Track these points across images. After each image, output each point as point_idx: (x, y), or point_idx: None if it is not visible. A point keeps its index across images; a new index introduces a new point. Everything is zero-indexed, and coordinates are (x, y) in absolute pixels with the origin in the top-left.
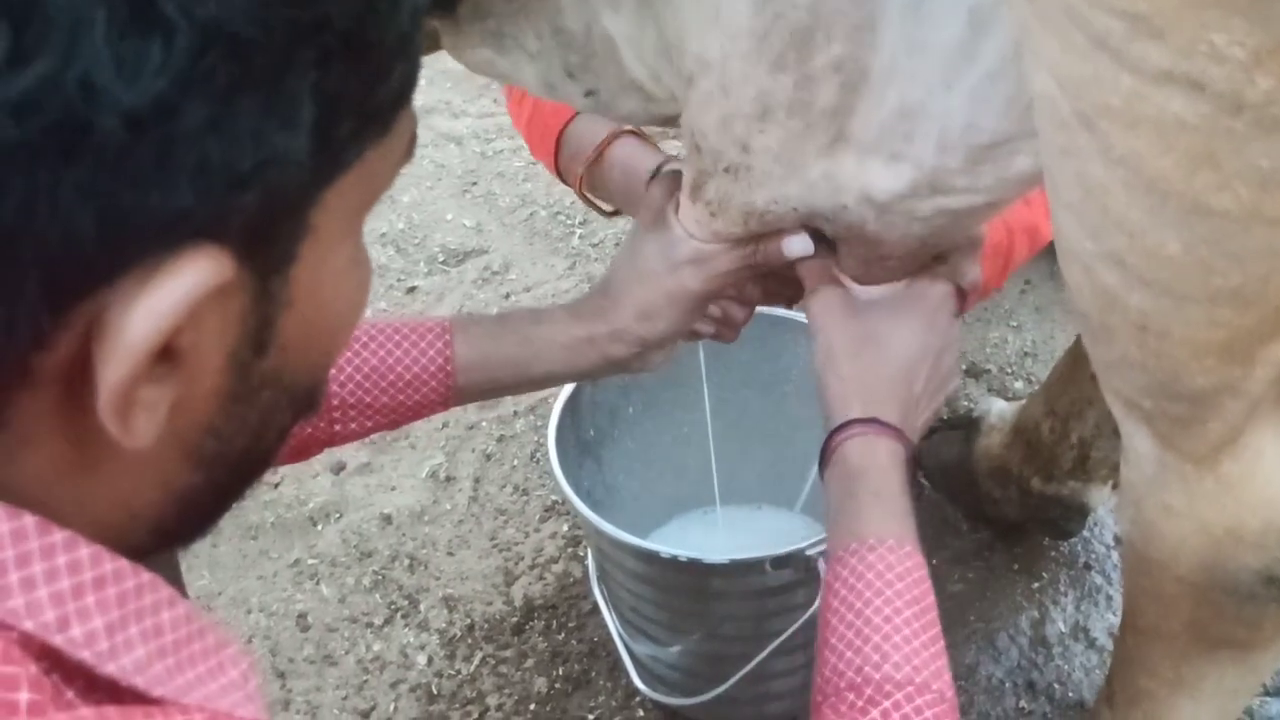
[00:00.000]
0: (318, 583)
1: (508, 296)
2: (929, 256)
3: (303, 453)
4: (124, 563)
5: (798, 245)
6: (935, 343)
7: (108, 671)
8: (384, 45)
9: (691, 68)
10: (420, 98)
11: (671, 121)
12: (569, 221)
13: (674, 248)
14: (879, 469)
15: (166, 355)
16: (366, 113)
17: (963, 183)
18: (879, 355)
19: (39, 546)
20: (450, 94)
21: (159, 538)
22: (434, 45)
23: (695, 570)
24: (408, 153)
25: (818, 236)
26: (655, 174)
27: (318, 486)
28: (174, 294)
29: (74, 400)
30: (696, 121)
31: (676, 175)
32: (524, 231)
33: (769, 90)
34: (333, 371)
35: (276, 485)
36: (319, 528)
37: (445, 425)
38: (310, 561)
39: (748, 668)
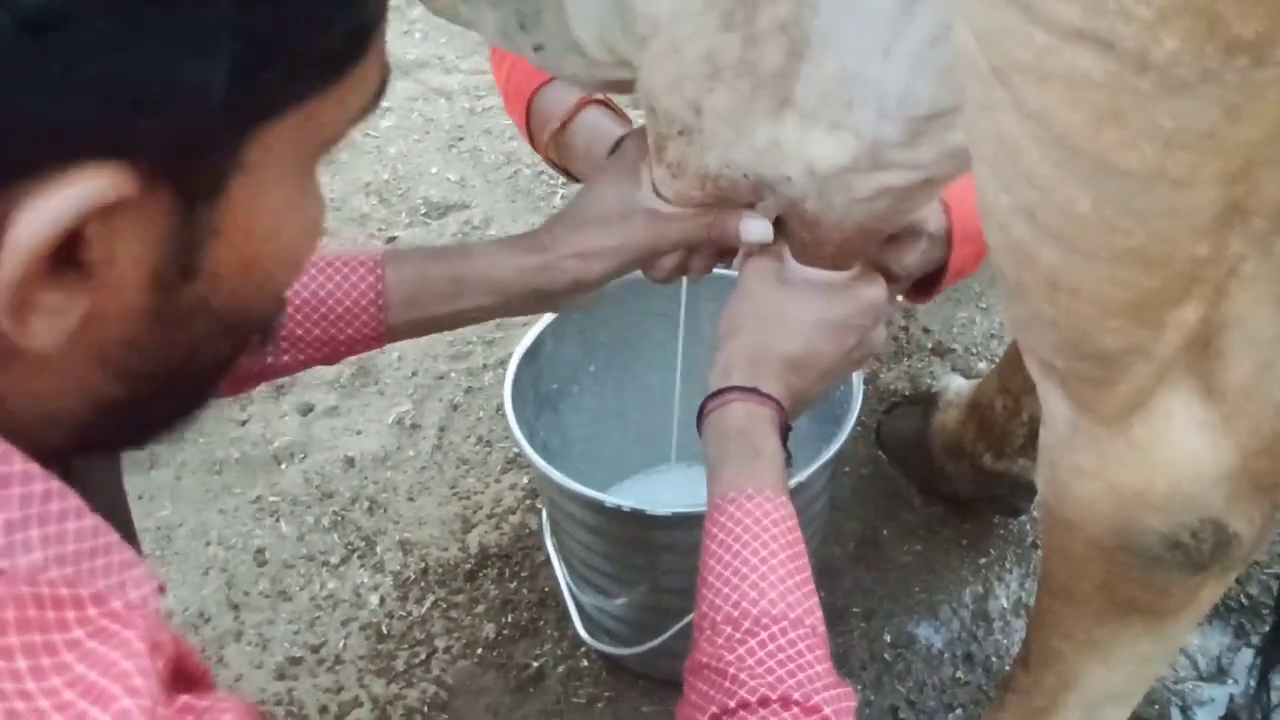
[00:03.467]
0: (278, 520)
1: None
2: (865, 249)
3: (239, 384)
4: (35, 466)
5: (756, 229)
6: (844, 343)
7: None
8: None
9: (643, 28)
10: (414, 51)
11: (612, 87)
12: (552, 182)
13: (634, 197)
14: (758, 431)
15: (73, 264)
16: (304, 59)
17: (901, 157)
18: (781, 334)
19: None
20: (444, 49)
21: (78, 442)
22: None
23: (639, 521)
24: (371, 104)
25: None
26: (618, 145)
27: (284, 426)
28: (65, 202)
29: None
30: (650, 82)
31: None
32: (507, 189)
33: (717, 48)
34: None
35: (244, 423)
36: (283, 466)
37: (414, 374)
38: (272, 499)
39: (684, 621)
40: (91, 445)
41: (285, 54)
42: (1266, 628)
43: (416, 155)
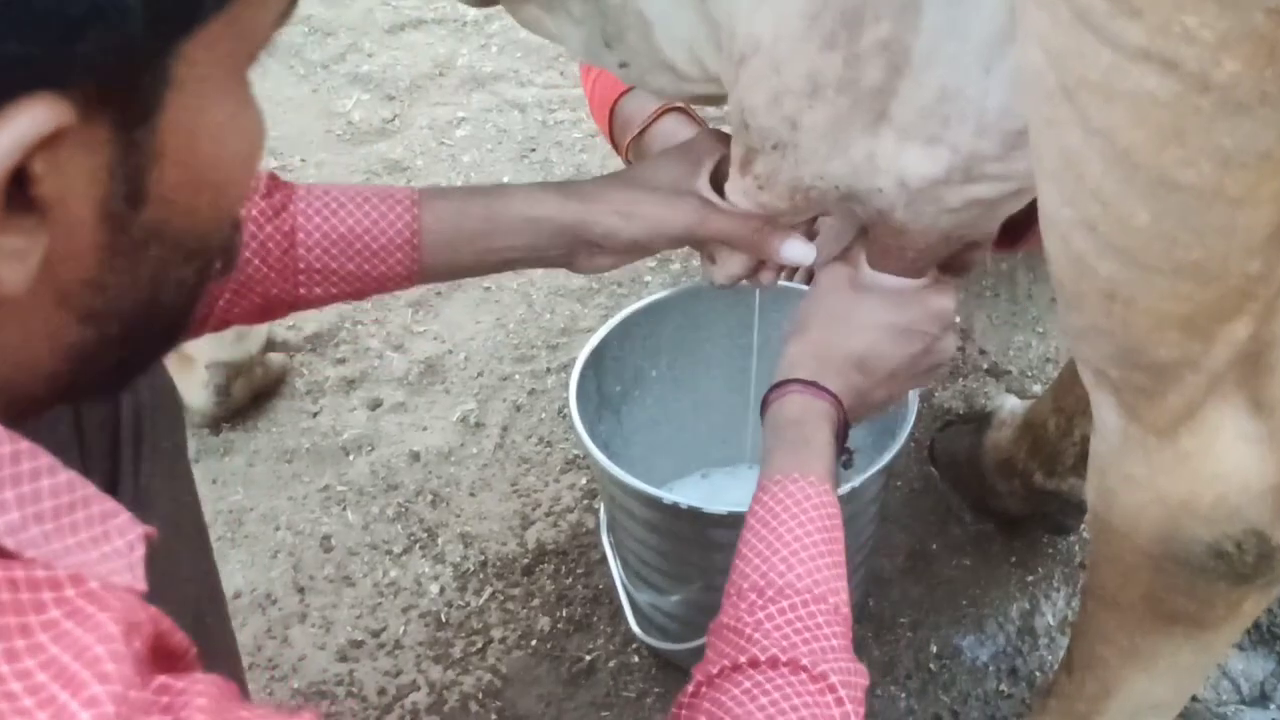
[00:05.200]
0: (344, 509)
1: None
2: (946, 255)
3: (268, 313)
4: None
5: (798, 251)
6: (909, 347)
7: None
8: None
9: (742, 48)
10: (490, 65)
11: (701, 100)
12: None
13: (691, 181)
14: (812, 423)
15: (29, 206)
16: None
17: (996, 170)
18: (847, 333)
19: None
20: (519, 63)
21: (56, 392)
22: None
23: (695, 519)
24: (290, 6)
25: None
26: None
27: (354, 419)
28: (6, 138)
29: None
30: (746, 99)
31: (723, 135)
32: None
33: (819, 68)
34: (301, 236)
35: (315, 415)
36: (351, 458)
37: (480, 375)
38: (339, 488)
39: None
40: (74, 393)
41: None
42: None
43: (489, 164)
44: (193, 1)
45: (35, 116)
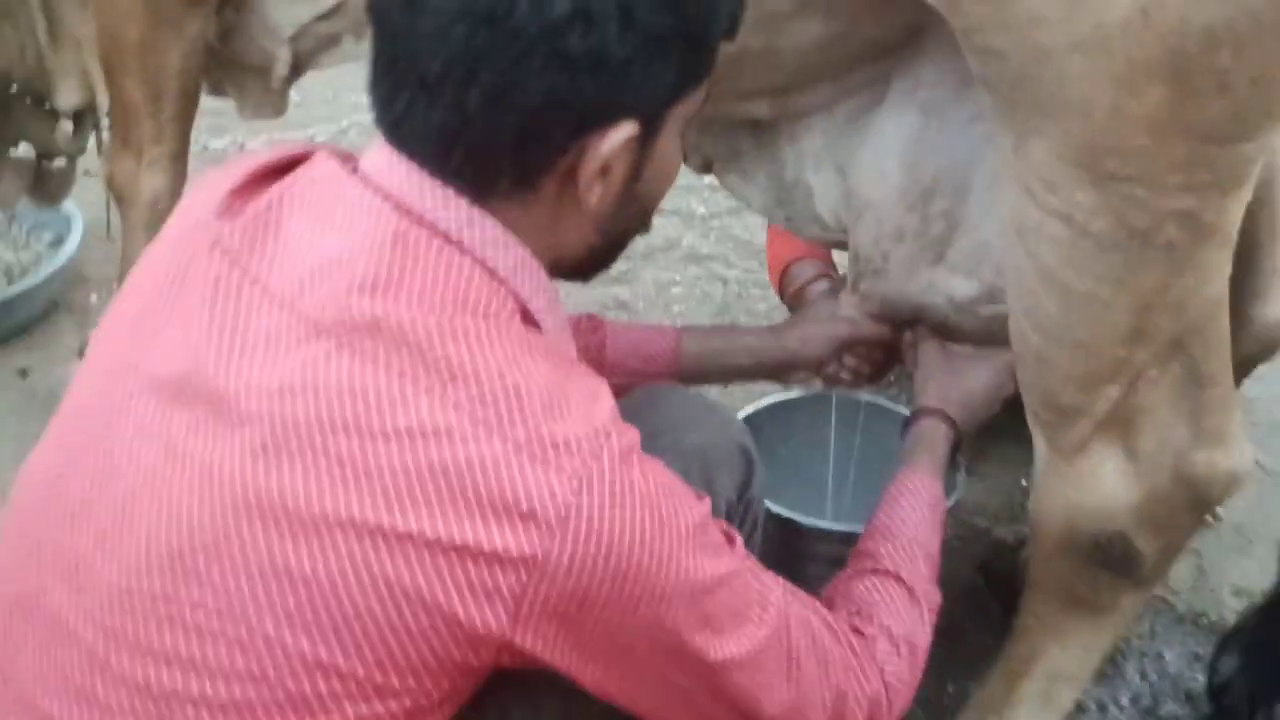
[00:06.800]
0: None
1: None
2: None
3: None
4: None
5: None
6: (1004, 385)
7: (547, 326)
8: (711, 48)
9: (859, 205)
10: (707, 248)
11: (833, 245)
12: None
13: (837, 311)
14: (936, 439)
15: (606, 172)
16: (695, 72)
17: None
18: (963, 380)
19: (530, 267)
20: (729, 251)
21: (570, 270)
22: (708, 169)
23: (789, 528)
24: (705, 96)
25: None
26: None
27: None
28: (616, 140)
29: (563, 188)
30: (859, 237)
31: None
32: None
33: (904, 223)
34: (609, 341)
35: None
36: None
37: None
38: None
39: None
40: (576, 274)
41: (690, 70)
42: None
43: (692, 317)
44: (681, 86)
45: (627, 130)
